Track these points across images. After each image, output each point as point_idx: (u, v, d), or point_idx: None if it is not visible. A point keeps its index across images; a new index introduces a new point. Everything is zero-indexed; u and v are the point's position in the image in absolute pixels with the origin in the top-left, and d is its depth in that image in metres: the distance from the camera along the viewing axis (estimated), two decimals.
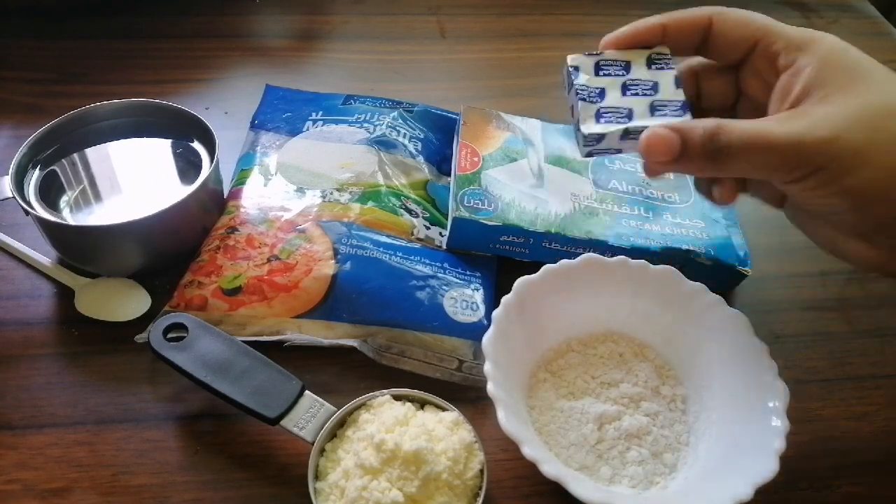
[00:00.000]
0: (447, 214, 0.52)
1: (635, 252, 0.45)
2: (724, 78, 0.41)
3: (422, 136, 0.57)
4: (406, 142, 0.56)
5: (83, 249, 0.48)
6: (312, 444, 0.39)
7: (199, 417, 0.43)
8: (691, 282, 0.44)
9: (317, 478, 0.38)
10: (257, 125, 0.58)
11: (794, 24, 0.39)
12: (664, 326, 0.45)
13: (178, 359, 0.41)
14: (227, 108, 0.63)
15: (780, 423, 0.38)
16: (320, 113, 0.58)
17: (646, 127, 0.36)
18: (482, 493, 0.38)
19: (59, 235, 0.47)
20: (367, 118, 0.57)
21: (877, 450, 0.44)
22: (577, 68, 0.40)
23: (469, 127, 0.55)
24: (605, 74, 0.39)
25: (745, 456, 0.38)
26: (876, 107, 0.34)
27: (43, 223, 0.46)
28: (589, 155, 0.39)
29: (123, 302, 0.47)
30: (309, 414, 0.39)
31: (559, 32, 0.77)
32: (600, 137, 0.38)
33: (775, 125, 0.34)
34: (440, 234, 0.51)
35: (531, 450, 0.36)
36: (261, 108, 0.60)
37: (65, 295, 0.48)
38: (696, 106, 0.41)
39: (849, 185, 0.34)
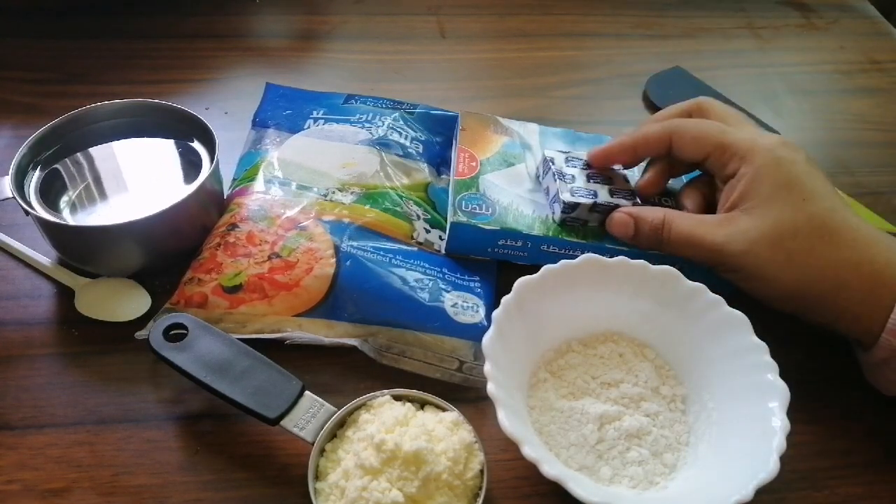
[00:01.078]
0: (447, 217, 0.52)
1: (634, 255, 0.45)
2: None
3: (423, 138, 0.57)
4: (407, 143, 0.56)
5: (83, 249, 0.48)
6: (312, 444, 0.39)
7: (199, 417, 0.43)
8: (691, 282, 0.44)
9: (317, 478, 0.38)
10: (258, 123, 0.58)
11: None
12: (664, 326, 0.45)
13: (178, 359, 0.41)
14: (227, 108, 0.63)
15: (780, 423, 0.38)
16: (322, 111, 0.58)
17: (608, 201, 0.49)
18: (482, 494, 0.38)
19: (59, 235, 0.47)
20: (369, 118, 0.57)
21: (876, 450, 0.44)
22: (552, 159, 0.51)
23: (467, 132, 0.55)
24: (572, 166, 0.51)
25: (745, 456, 0.38)
26: (781, 227, 0.42)
27: (43, 223, 0.46)
28: (562, 223, 0.49)
29: (123, 302, 0.47)
30: (309, 414, 0.39)
31: (559, 32, 0.77)
32: (575, 206, 0.48)
33: (708, 229, 0.44)
34: (440, 237, 0.51)
35: (531, 450, 0.36)
36: (262, 105, 0.60)
37: (65, 295, 0.48)
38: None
39: (756, 285, 0.44)
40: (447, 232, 0.50)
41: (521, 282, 0.43)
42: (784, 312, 0.46)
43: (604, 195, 0.49)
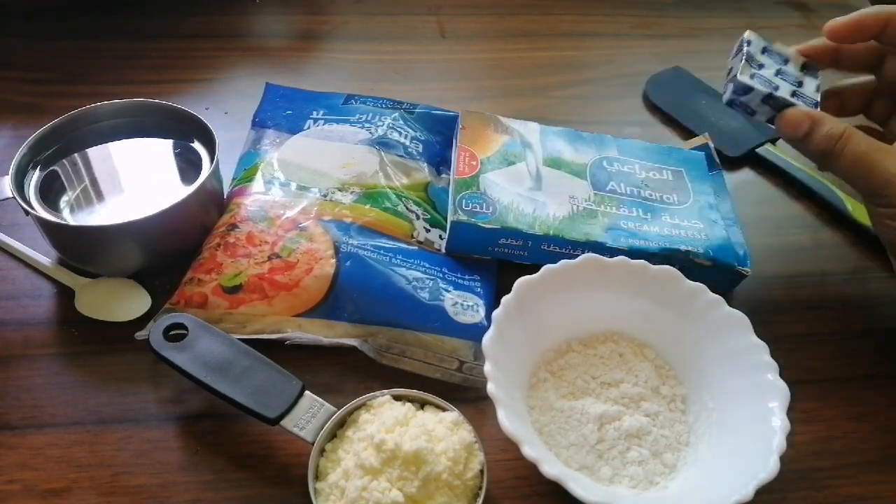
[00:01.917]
0: (447, 217, 0.52)
1: (634, 254, 0.45)
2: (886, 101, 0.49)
3: (423, 138, 0.57)
4: (407, 143, 0.56)
5: (83, 249, 0.48)
6: (312, 444, 0.39)
7: (199, 417, 0.43)
8: (691, 282, 0.44)
9: (317, 478, 0.38)
10: (258, 123, 0.58)
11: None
12: (664, 326, 0.45)
13: (178, 359, 0.41)
14: (227, 108, 0.63)
15: (780, 423, 0.38)
16: (321, 112, 0.58)
17: (785, 98, 0.45)
18: (482, 494, 0.38)
19: (59, 235, 0.47)
20: (369, 118, 0.57)
21: (876, 450, 0.44)
22: (749, 42, 0.48)
23: (467, 131, 0.55)
24: (768, 56, 0.48)
25: (745, 456, 0.38)
26: None
27: (43, 223, 0.46)
28: (730, 103, 0.47)
29: (123, 302, 0.47)
30: (309, 414, 0.39)
31: (559, 32, 0.77)
32: (748, 89, 0.45)
33: (883, 157, 0.42)
34: (440, 236, 0.51)
35: (531, 450, 0.36)
36: (262, 106, 0.60)
37: (65, 295, 0.48)
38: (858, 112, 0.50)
39: None
40: (447, 231, 0.50)
41: (521, 282, 0.43)
42: None
43: (785, 90, 0.46)
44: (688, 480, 0.40)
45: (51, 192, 0.48)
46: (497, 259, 0.51)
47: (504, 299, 0.42)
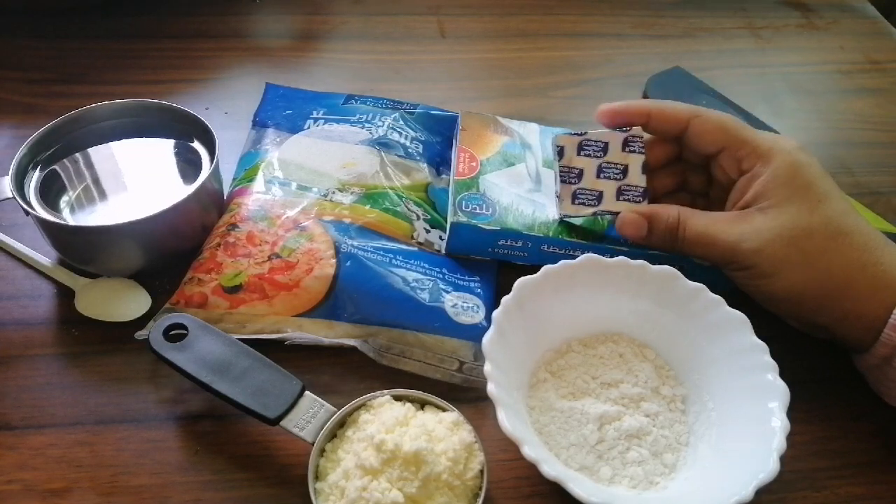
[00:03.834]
0: (447, 217, 0.52)
1: (634, 255, 0.45)
2: (699, 174, 0.50)
3: (423, 139, 0.57)
4: (408, 143, 0.56)
5: (83, 249, 0.48)
6: (312, 444, 0.39)
7: (199, 418, 0.43)
8: (691, 282, 0.44)
9: (317, 478, 0.38)
10: (259, 123, 0.58)
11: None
12: (664, 326, 0.45)
13: (178, 359, 0.41)
14: (227, 108, 0.63)
15: (780, 423, 0.38)
16: (322, 111, 0.58)
17: (611, 211, 0.48)
18: (482, 494, 0.38)
19: (59, 235, 0.47)
20: (369, 118, 0.57)
21: (876, 450, 0.44)
22: (560, 150, 0.48)
23: (467, 132, 0.55)
24: (585, 154, 0.48)
25: (745, 456, 0.38)
26: (797, 227, 0.43)
27: (43, 223, 0.46)
28: (564, 217, 0.49)
29: (123, 302, 0.47)
30: (309, 414, 0.39)
31: (559, 32, 0.77)
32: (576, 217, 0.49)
33: (722, 227, 0.44)
34: (440, 237, 0.51)
35: (531, 450, 0.36)
36: (262, 106, 0.60)
37: (65, 295, 0.48)
38: (680, 188, 0.51)
39: (766, 283, 0.44)
40: (447, 232, 0.50)
41: (521, 282, 0.43)
42: (783, 316, 0.46)
43: (609, 197, 0.48)
44: (688, 481, 0.40)
45: (51, 193, 0.48)
46: (497, 260, 0.51)
47: (504, 300, 0.42)
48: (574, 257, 0.44)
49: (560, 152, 0.48)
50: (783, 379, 0.40)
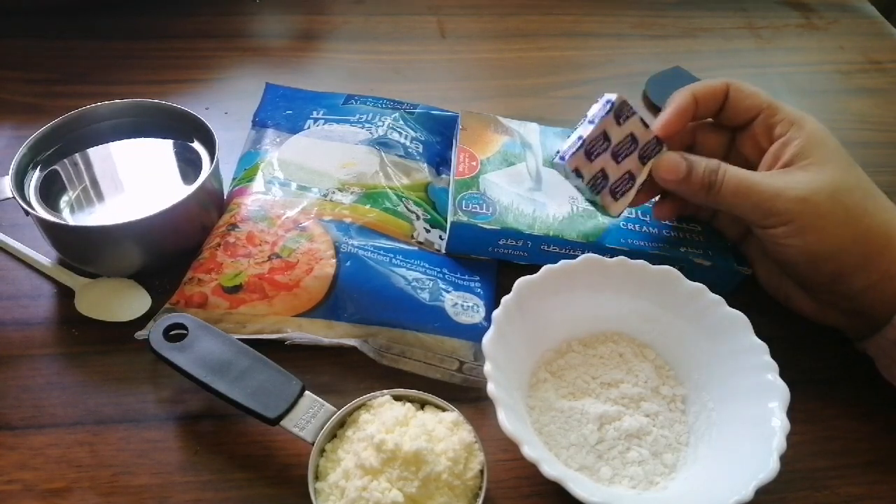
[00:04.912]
0: (447, 217, 0.52)
1: (633, 254, 0.45)
2: (719, 136, 0.50)
3: (423, 139, 0.57)
4: (408, 143, 0.56)
5: (83, 249, 0.48)
6: (312, 444, 0.39)
7: (199, 418, 0.43)
8: (691, 282, 0.44)
9: (317, 478, 0.38)
10: (259, 123, 0.58)
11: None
12: (664, 326, 0.45)
13: (178, 359, 0.41)
14: (227, 108, 0.63)
15: (780, 423, 0.38)
16: (322, 112, 0.58)
17: (644, 181, 0.47)
18: (482, 494, 0.38)
19: (59, 235, 0.47)
20: (369, 118, 0.57)
21: (876, 450, 0.44)
22: (577, 169, 0.45)
23: (467, 132, 0.55)
24: (596, 156, 0.46)
25: (745, 456, 0.38)
26: (838, 183, 0.43)
27: (43, 223, 0.46)
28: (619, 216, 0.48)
29: (123, 302, 0.47)
30: (309, 414, 0.39)
31: (559, 32, 0.77)
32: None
33: (763, 178, 0.44)
34: (440, 236, 0.51)
35: (531, 450, 0.36)
36: (262, 106, 0.60)
37: (65, 295, 0.48)
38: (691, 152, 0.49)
39: (808, 240, 0.42)
40: (448, 231, 0.50)
41: (521, 282, 0.43)
42: (810, 285, 0.46)
43: (636, 169, 0.47)
44: (688, 480, 0.40)
45: (51, 193, 0.48)
46: (497, 259, 0.51)
47: (504, 299, 0.42)
48: (574, 257, 0.44)
49: (577, 173, 0.45)
50: (783, 379, 0.40)
